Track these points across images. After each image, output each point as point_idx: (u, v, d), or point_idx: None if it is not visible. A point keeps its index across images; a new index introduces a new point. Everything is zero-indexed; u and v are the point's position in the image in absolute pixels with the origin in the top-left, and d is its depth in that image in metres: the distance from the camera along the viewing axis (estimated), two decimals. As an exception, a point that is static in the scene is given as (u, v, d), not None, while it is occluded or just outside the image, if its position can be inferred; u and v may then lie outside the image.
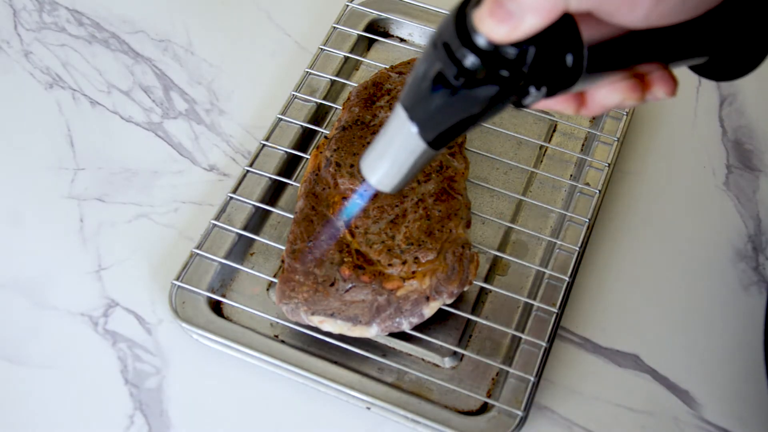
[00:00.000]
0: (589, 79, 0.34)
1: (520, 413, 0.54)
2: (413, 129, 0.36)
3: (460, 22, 0.32)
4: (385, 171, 0.38)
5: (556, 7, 0.31)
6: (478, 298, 0.61)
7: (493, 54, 0.32)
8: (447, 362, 0.58)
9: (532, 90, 0.33)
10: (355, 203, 0.46)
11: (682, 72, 0.78)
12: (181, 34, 0.77)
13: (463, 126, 0.35)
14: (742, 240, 0.64)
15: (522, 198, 0.64)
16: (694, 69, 0.39)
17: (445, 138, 0.36)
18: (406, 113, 0.36)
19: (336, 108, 0.70)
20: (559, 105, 0.37)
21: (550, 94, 0.34)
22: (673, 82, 0.36)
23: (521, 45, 0.32)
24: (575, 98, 0.37)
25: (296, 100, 0.69)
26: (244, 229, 0.62)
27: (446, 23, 0.33)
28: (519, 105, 0.34)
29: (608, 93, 0.36)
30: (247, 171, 0.65)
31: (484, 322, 0.58)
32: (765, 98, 0.72)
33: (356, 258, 0.57)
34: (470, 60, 0.32)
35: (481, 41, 0.32)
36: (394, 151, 0.37)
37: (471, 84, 0.32)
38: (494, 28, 0.31)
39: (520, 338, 0.57)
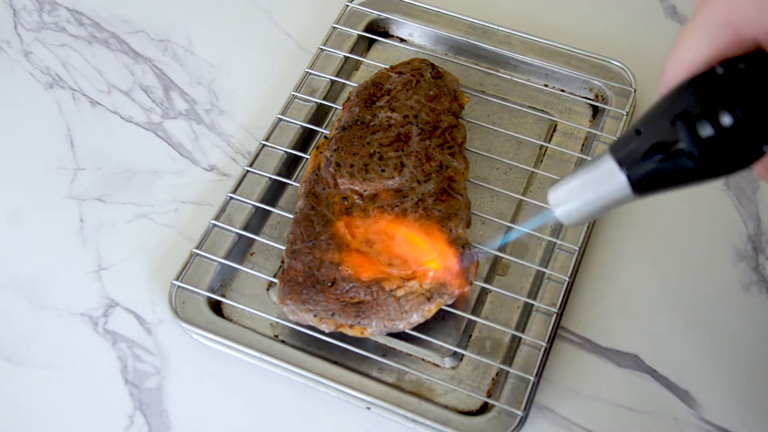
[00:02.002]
0: None
1: (520, 413, 0.54)
2: (624, 181, 0.36)
3: (706, 96, 0.32)
4: (577, 208, 0.39)
5: None
6: (478, 298, 0.61)
7: (734, 131, 0.32)
8: (447, 362, 0.58)
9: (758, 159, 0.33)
10: (525, 228, 0.48)
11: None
12: (181, 34, 0.77)
13: (684, 185, 0.35)
14: (742, 240, 0.64)
15: (522, 198, 0.64)
16: None
17: (654, 191, 0.36)
18: (618, 167, 0.36)
19: (336, 108, 0.70)
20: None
21: None
22: None
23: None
24: None
25: (296, 100, 0.69)
26: (244, 229, 0.62)
27: (685, 93, 0.33)
28: (742, 169, 0.35)
29: None
30: (247, 171, 0.65)
31: (484, 322, 0.58)
32: (765, 98, 0.72)
33: (356, 257, 0.57)
34: (709, 134, 0.32)
35: (726, 120, 0.32)
36: (595, 195, 0.38)
37: (705, 157, 0.33)
38: None
39: (520, 338, 0.57)
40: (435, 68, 0.66)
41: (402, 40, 0.75)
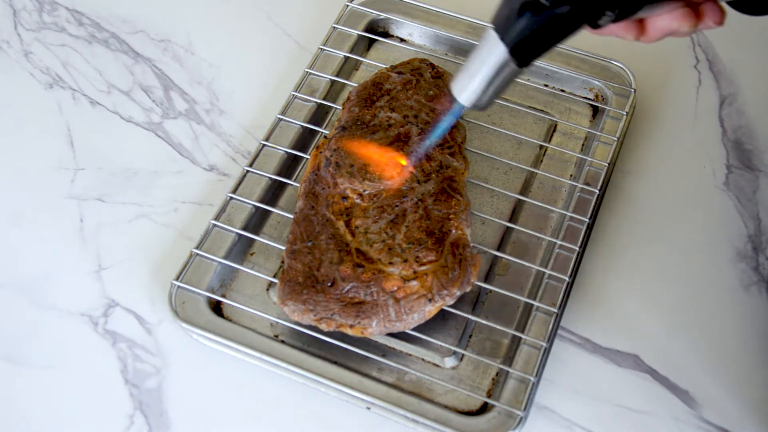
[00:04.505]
0: (651, 7, 0.39)
1: (520, 413, 0.54)
2: (503, 49, 0.40)
3: None
4: (475, 89, 0.43)
5: None
6: (478, 298, 0.61)
7: None
8: (447, 362, 0.58)
9: (608, 12, 0.37)
10: (442, 126, 0.50)
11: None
12: (181, 34, 0.77)
13: (548, 45, 0.40)
14: (742, 240, 0.64)
15: (522, 198, 0.64)
16: (731, 4, 0.42)
17: (531, 56, 0.40)
18: (497, 35, 0.40)
19: (336, 108, 0.70)
20: (621, 31, 0.41)
21: (619, 17, 0.38)
22: (722, 12, 0.40)
23: None
24: (636, 26, 0.41)
25: (296, 100, 0.69)
26: (244, 229, 0.62)
27: None
28: (594, 26, 0.39)
29: (666, 20, 0.40)
30: (247, 171, 0.65)
31: (484, 322, 0.58)
32: (765, 98, 0.72)
33: (356, 256, 0.57)
34: None
35: None
36: (485, 71, 0.42)
37: (556, 5, 0.37)
38: None
39: (520, 338, 0.57)
40: (435, 68, 0.66)
41: (402, 40, 0.75)
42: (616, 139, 0.66)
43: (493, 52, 0.41)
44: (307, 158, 0.67)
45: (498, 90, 0.43)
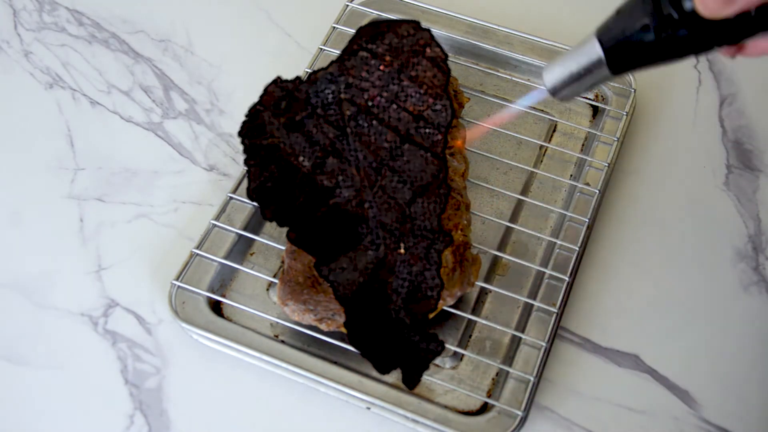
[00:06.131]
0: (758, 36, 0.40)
1: (520, 413, 0.54)
2: (600, 52, 0.43)
3: None
4: (563, 82, 0.46)
5: None
6: (478, 298, 0.61)
7: (695, 16, 0.38)
8: (447, 362, 0.58)
9: (716, 47, 0.39)
10: (525, 101, 0.54)
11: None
12: (181, 34, 0.77)
13: (648, 64, 0.42)
14: (742, 240, 0.64)
15: (522, 198, 0.64)
16: None
17: (628, 70, 0.44)
18: (600, 45, 0.43)
19: (336, 108, 0.70)
20: (721, 51, 0.42)
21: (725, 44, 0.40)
22: None
23: None
24: (735, 48, 0.42)
25: (296, 100, 0.69)
26: (244, 229, 0.62)
27: None
28: (697, 54, 0.41)
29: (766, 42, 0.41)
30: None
31: (484, 322, 0.58)
32: (765, 98, 0.72)
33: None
34: (675, 18, 0.38)
35: (688, 5, 0.37)
36: (578, 67, 0.45)
37: (668, 37, 0.39)
38: (710, 6, 0.36)
39: (520, 338, 0.57)
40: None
41: (402, 40, 0.75)
42: (616, 139, 0.66)
43: (591, 59, 0.44)
44: (307, 158, 0.67)
45: (584, 88, 0.46)
